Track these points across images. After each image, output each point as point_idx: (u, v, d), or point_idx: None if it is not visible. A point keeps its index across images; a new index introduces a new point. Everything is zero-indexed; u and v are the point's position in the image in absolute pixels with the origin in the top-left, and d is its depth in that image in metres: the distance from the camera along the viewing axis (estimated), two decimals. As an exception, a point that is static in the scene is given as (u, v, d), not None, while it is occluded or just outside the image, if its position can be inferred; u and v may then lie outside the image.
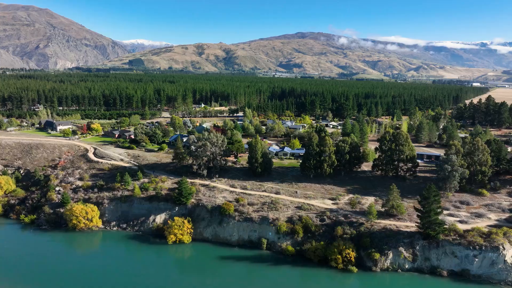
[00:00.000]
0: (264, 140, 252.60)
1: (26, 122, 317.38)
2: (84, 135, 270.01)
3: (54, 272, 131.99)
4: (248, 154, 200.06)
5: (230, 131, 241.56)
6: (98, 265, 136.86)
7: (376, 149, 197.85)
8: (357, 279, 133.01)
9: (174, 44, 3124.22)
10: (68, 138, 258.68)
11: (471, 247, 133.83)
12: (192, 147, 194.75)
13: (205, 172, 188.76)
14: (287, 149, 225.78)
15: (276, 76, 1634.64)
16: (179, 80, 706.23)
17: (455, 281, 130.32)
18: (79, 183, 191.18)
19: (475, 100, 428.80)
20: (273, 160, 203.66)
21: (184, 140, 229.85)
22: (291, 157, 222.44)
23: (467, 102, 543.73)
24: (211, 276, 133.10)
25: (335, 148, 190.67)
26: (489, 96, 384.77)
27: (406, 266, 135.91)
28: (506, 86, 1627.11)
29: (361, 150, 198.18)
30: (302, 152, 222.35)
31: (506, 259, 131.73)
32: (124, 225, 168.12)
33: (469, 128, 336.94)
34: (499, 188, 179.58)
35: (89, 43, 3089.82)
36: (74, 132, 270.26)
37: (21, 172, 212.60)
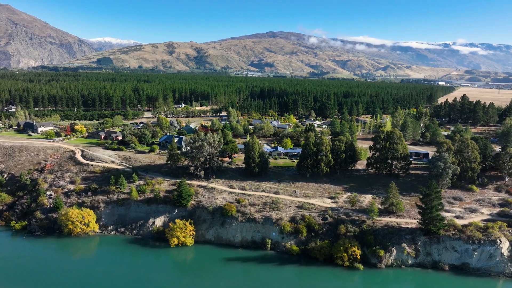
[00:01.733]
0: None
1: (2, 124, 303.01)
2: (68, 136, 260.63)
3: (55, 279, 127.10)
4: (244, 154, 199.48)
5: (221, 131, 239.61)
6: (102, 272, 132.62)
7: (370, 147, 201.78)
8: (364, 276, 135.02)
9: (144, 42, 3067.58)
10: (51, 140, 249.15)
11: (470, 242, 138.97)
12: (188, 148, 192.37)
13: (202, 173, 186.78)
14: (280, 149, 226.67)
15: (248, 75, 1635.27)
16: (154, 80, 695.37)
17: (456, 275, 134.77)
18: (71, 186, 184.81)
19: (447, 99, 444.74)
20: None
21: (175, 140, 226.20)
22: (285, 157, 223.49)
23: (440, 100, 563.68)
24: (219, 278, 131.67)
25: (330, 147, 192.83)
26: (464, 95, 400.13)
27: (409, 262, 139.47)
28: (469, 85, 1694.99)
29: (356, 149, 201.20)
30: (295, 151, 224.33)
31: (502, 252, 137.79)
32: (122, 229, 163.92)
33: (447, 126, 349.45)
34: (487, 184, 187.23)
35: (54, 41, 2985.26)
36: (57, 134, 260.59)
37: (5, 176, 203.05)
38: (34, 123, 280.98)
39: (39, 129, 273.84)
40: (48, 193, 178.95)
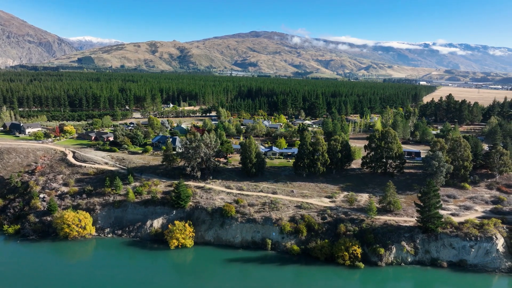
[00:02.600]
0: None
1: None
2: (58, 138, 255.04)
3: (56, 285, 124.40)
4: (239, 155, 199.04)
5: (214, 131, 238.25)
6: (104, 275, 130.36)
7: (365, 147, 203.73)
8: (365, 275, 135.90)
9: (125, 42, 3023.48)
10: (40, 141, 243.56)
11: (467, 239, 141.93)
12: (183, 148, 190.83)
13: (198, 174, 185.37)
14: (275, 149, 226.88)
15: (232, 74, 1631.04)
16: (139, 79, 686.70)
17: (455, 271, 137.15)
18: (65, 189, 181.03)
19: (433, 98, 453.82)
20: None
21: (169, 141, 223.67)
22: (280, 157, 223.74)
23: (424, 99, 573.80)
24: (221, 280, 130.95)
25: (326, 147, 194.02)
26: (450, 94, 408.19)
27: (409, 260, 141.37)
28: (450, 84, 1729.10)
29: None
30: (290, 151, 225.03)
31: (498, 248, 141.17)
32: (119, 232, 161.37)
33: (434, 125, 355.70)
34: (478, 182, 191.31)
35: (32, 40, 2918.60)
36: (46, 135, 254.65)
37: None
38: (21, 124, 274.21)
39: (27, 130, 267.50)
40: (41, 195, 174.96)
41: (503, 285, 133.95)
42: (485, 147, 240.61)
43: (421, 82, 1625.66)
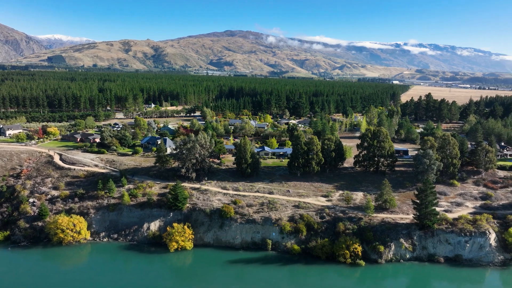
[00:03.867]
0: (236, 140, 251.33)
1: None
2: (41, 139, 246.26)
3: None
4: (231, 155, 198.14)
5: (203, 131, 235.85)
6: (106, 280, 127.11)
7: (357, 146, 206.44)
8: (367, 272, 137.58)
9: (97, 40, 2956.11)
10: (24, 144, 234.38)
11: (462, 234, 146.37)
12: (175, 149, 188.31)
13: (193, 175, 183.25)
14: (267, 149, 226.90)
15: (208, 74, 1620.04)
16: (116, 79, 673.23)
17: (451, 266, 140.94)
18: (55, 192, 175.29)
19: (412, 97, 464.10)
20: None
21: (159, 142, 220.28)
22: (272, 157, 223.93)
23: (402, 98, 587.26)
24: (226, 281, 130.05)
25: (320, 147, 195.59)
26: (429, 93, 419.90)
27: (407, 256, 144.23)
28: (421, 83, 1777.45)
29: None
30: (282, 151, 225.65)
31: (491, 242, 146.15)
32: (115, 236, 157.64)
33: (415, 124, 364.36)
34: (466, 178, 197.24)
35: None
36: (29, 137, 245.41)
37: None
38: (1, 126, 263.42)
39: (7, 132, 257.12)
40: (31, 200, 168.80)
41: (496, 278, 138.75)
42: (468, 144, 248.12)
43: (394, 81, 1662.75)
